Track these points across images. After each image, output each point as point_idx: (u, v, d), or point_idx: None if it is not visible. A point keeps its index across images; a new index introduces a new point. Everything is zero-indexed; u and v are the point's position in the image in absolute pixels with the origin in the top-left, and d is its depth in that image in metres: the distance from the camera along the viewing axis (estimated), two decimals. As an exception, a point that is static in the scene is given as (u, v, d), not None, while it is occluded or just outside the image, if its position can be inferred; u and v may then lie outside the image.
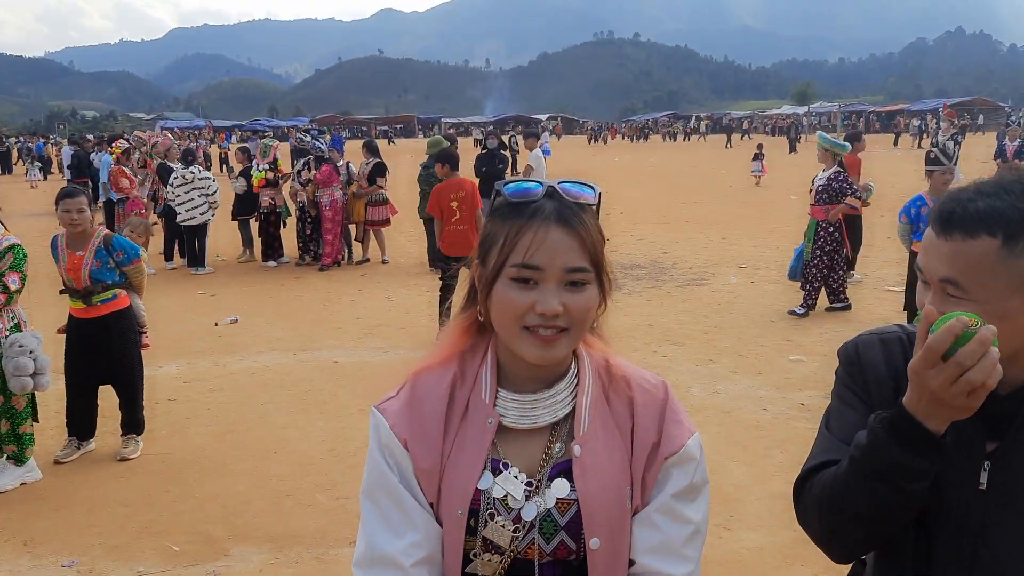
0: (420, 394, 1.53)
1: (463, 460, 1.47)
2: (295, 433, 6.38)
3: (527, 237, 1.39)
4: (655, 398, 1.55)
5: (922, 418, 1.36)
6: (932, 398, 1.33)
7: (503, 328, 1.45)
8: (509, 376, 1.53)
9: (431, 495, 1.49)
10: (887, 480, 1.41)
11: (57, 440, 6.15)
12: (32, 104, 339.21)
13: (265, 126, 78.59)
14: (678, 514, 1.50)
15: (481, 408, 1.50)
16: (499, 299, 1.42)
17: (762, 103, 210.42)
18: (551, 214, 1.41)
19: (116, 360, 5.95)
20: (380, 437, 1.51)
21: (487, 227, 1.49)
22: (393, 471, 1.49)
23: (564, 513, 1.46)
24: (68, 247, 5.79)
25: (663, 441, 1.51)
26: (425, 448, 1.49)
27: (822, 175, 9.63)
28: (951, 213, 1.43)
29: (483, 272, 1.47)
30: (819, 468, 1.60)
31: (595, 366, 1.57)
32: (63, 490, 5.46)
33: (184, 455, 6.03)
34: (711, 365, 7.85)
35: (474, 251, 1.53)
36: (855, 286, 11.00)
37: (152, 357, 8.25)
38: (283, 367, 8.16)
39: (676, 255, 13.91)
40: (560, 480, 1.47)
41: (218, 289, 12.03)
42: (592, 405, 1.52)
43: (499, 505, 1.46)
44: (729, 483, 5.32)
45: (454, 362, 1.56)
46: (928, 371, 1.31)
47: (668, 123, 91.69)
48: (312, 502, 5.20)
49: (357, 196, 13.58)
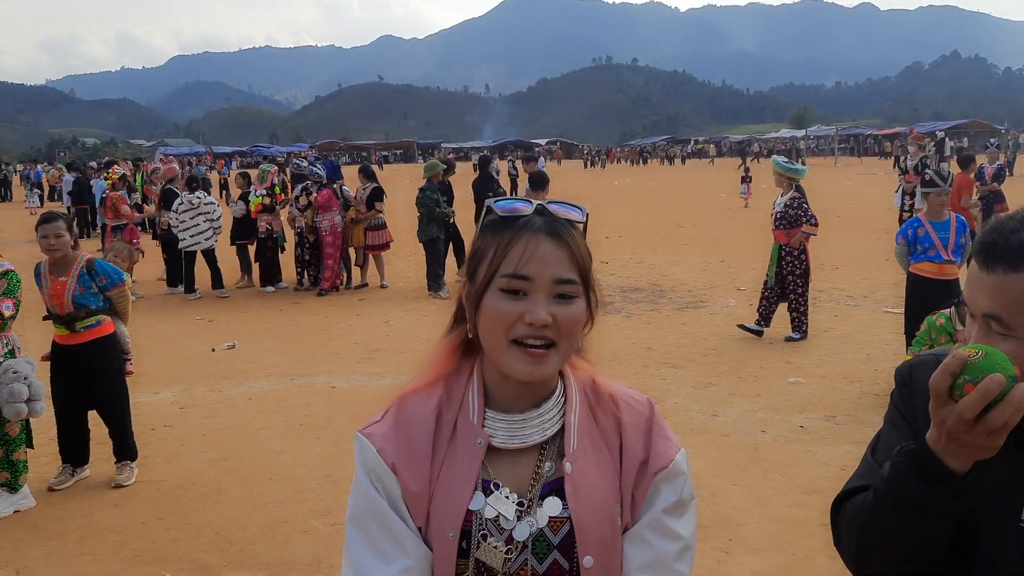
0: (406, 417, 1.51)
1: (453, 482, 1.46)
2: (291, 459, 6.34)
3: (517, 248, 1.40)
4: (641, 415, 1.56)
5: (943, 456, 1.30)
6: (951, 437, 1.27)
7: (491, 341, 1.44)
8: (496, 396, 1.52)
9: (420, 519, 1.46)
10: (908, 517, 1.36)
11: (51, 467, 6.11)
12: (33, 132, 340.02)
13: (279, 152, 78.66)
14: (668, 530, 1.49)
15: (469, 429, 1.49)
16: (488, 310, 1.42)
17: (760, 127, 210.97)
18: (541, 227, 1.43)
19: (100, 387, 5.92)
20: (367, 462, 1.48)
21: (476, 243, 1.49)
22: (381, 496, 1.46)
23: (557, 532, 1.45)
24: (51, 273, 5.77)
25: (651, 457, 1.51)
26: (414, 471, 1.46)
27: (780, 200, 9.67)
28: (993, 245, 1.38)
29: (472, 287, 1.47)
30: (854, 492, 1.56)
31: (581, 384, 1.57)
32: (57, 518, 5.42)
33: (179, 482, 5.99)
34: (710, 388, 7.82)
35: (463, 268, 1.52)
36: (854, 308, 10.99)
37: (148, 383, 8.26)
38: (280, 393, 8.13)
39: (675, 278, 13.89)
40: (552, 499, 1.46)
41: (215, 315, 12.00)
42: (580, 423, 1.51)
43: (491, 526, 1.44)
44: (728, 506, 5.28)
45: (440, 384, 1.55)
46: (942, 411, 1.27)
47: (666, 147, 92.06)
48: (308, 528, 5.16)
49: (356, 222, 13.58)
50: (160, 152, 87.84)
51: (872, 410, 6.95)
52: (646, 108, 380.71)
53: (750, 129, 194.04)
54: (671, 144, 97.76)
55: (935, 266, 7.60)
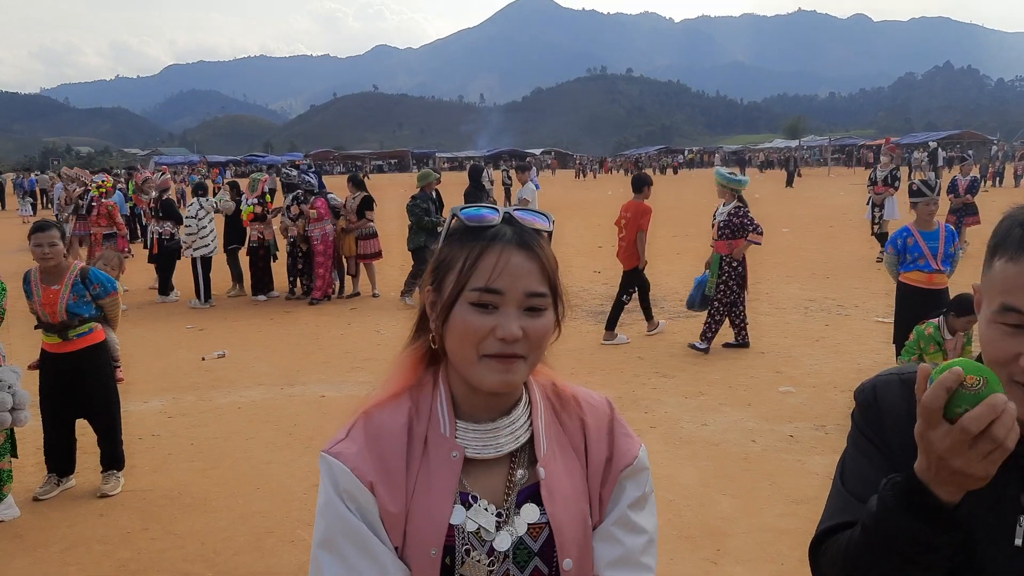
0: (375, 433, 1.46)
1: (431, 497, 1.42)
2: (279, 469, 6.31)
3: (488, 261, 1.38)
4: (603, 414, 1.58)
5: (933, 486, 1.24)
6: (940, 463, 1.21)
7: (460, 355, 1.41)
8: (464, 407, 1.49)
9: (396, 538, 1.41)
10: (900, 553, 1.29)
11: (36, 477, 6.07)
12: (27, 140, 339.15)
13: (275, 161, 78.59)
14: (634, 525, 1.51)
15: (442, 442, 1.45)
16: (457, 324, 1.39)
17: (754, 137, 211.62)
18: (512, 238, 1.40)
19: (92, 395, 5.89)
20: (338, 483, 1.41)
21: (442, 252, 1.47)
22: (356, 516, 1.39)
23: (536, 538, 1.44)
24: (43, 281, 5.74)
25: (615, 456, 1.54)
26: (390, 489, 1.42)
27: (723, 209, 9.64)
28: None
29: (438, 298, 1.44)
30: (834, 530, 1.51)
31: (542, 389, 1.57)
32: (41, 528, 5.38)
33: (165, 491, 5.95)
34: (700, 397, 7.80)
35: (425, 277, 1.49)
36: (844, 317, 10.99)
37: (137, 392, 8.22)
38: (270, 402, 8.09)
39: (667, 287, 13.89)
40: (528, 505, 1.45)
41: (206, 323, 11.96)
42: (547, 427, 1.52)
43: (473, 539, 1.42)
44: (717, 516, 5.26)
45: (405, 397, 1.51)
46: (932, 433, 1.20)
47: (658, 157, 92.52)
48: (295, 538, 5.13)
49: (346, 231, 13.56)
50: (154, 161, 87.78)
51: (862, 420, 6.93)
52: (640, 118, 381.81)
53: (744, 139, 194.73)
54: (664, 154, 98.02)
55: (924, 275, 7.59)
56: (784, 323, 10.85)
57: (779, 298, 12.59)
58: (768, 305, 12.10)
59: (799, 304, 12.08)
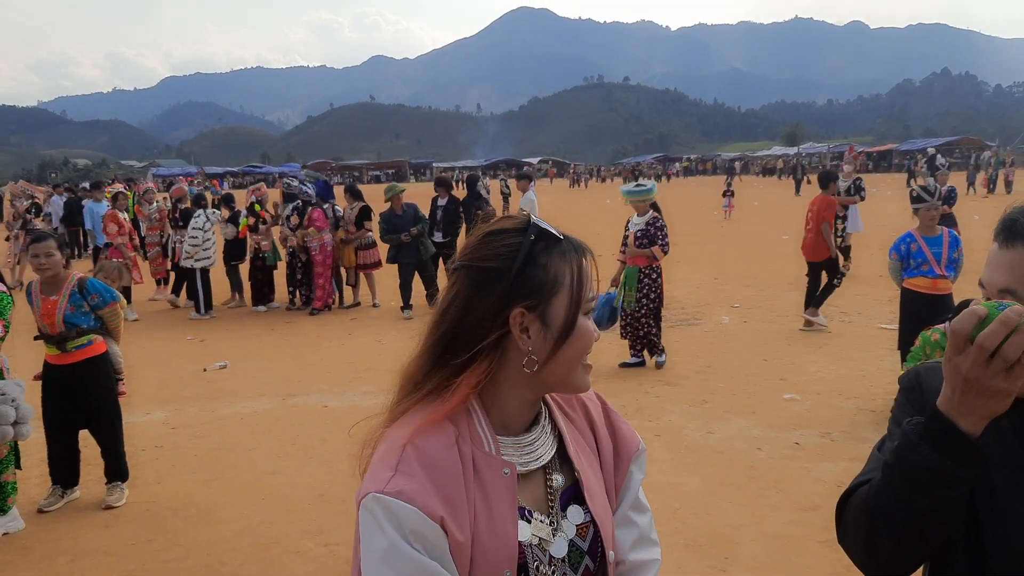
0: (430, 462, 1.37)
1: (495, 519, 1.38)
2: (283, 479, 6.28)
3: (587, 269, 1.47)
4: (598, 407, 1.66)
5: (956, 417, 1.31)
6: (966, 386, 1.28)
7: (571, 366, 1.45)
8: (498, 423, 1.48)
9: (463, 569, 1.35)
10: (919, 486, 1.35)
11: (41, 489, 6.05)
12: (24, 153, 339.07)
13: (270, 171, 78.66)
14: (641, 505, 1.63)
15: (490, 461, 1.42)
16: (583, 335, 1.45)
17: (752, 144, 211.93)
18: (580, 247, 1.49)
19: (92, 407, 5.86)
20: (404, 525, 1.31)
21: (539, 264, 1.42)
22: (427, 557, 1.31)
23: (584, 537, 1.49)
24: (42, 292, 5.73)
25: (620, 445, 1.62)
26: (457, 519, 1.35)
27: (638, 220, 9.09)
28: (1014, 222, 1.45)
29: (553, 313, 1.42)
30: (861, 485, 1.58)
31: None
32: (46, 540, 5.35)
33: (170, 503, 5.93)
34: (705, 405, 7.78)
35: (514, 301, 1.42)
36: (848, 324, 10.98)
37: (139, 403, 8.20)
38: (272, 412, 8.07)
39: (669, 295, 13.77)
40: (572, 507, 1.50)
41: (207, 334, 11.94)
42: (568, 429, 1.57)
43: (539, 553, 1.44)
44: (724, 524, 5.23)
45: (445, 420, 1.44)
46: (958, 357, 1.28)
47: (653, 165, 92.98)
48: (300, 549, 5.10)
49: (346, 242, 13.55)
50: (152, 173, 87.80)
51: (868, 426, 6.92)
52: (638, 126, 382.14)
53: (742, 147, 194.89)
54: (660, 162, 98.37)
55: (929, 281, 7.59)
56: (787, 330, 10.83)
57: (781, 305, 12.58)
58: (770, 312, 12.09)
59: (800, 311, 12.04)
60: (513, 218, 1.49)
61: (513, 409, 1.48)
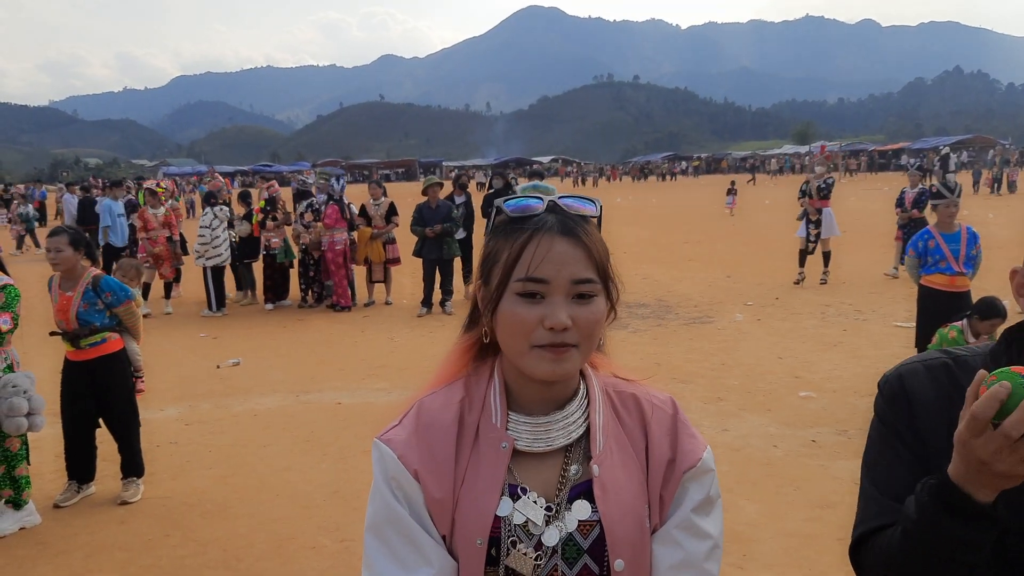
0: (427, 421, 1.46)
1: (479, 487, 1.41)
2: (297, 475, 6.28)
3: (531, 250, 1.36)
4: (665, 414, 1.53)
5: (971, 489, 1.27)
6: (981, 467, 1.24)
7: (512, 347, 1.40)
8: (518, 399, 1.48)
9: (444, 527, 1.41)
10: (943, 554, 1.33)
11: (57, 484, 6.05)
12: (36, 152, 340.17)
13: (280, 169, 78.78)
14: (697, 529, 1.47)
15: (493, 433, 1.44)
16: (506, 316, 1.38)
17: (763, 143, 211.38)
18: (555, 226, 1.39)
19: (108, 404, 5.87)
20: (387, 470, 1.43)
21: (488, 245, 1.46)
22: (402, 504, 1.41)
23: (587, 536, 1.42)
24: (60, 287, 5.74)
25: (679, 456, 1.49)
26: (437, 477, 1.42)
27: None
28: None
29: (487, 291, 1.43)
30: (873, 532, 1.51)
31: (603, 385, 1.55)
32: (62, 535, 5.36)
33: (185, 498, 5.93)
34: (719, 403, 7.76)
35: (475, 271, 1.49)
36: (862, 322, 10.93)
37: (153, 400, 8.21)
38: (285, 409, 8.07)
39: (681, 293, 13.85)
40: (580, 502, 1.42)
41: (220, 332, 11.95)
42: (605, 424, 1.49)
43: (520, 532, 1.40)
44: (742, 522, 5.21)
45: (459, 386, 1.51)
46: (975, 440, 1.23)
47: (661, 164, 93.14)
48: (315, 544, 5.10)
49: (375, 237, 13.50)
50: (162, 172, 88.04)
51: (884, 424, 6.88)
52: (648, 125, 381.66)
53: (753, 146, 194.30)
54: (669, 161, 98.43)
55: (946, 278, 7.55)
56: (801, 328, 10.79)
57: (795, 303, 12.54)
58: (784, 311, 12.05)
59: (816, 309, 12.02)
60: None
61: (517, 386, 1.48)
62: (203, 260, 13.17)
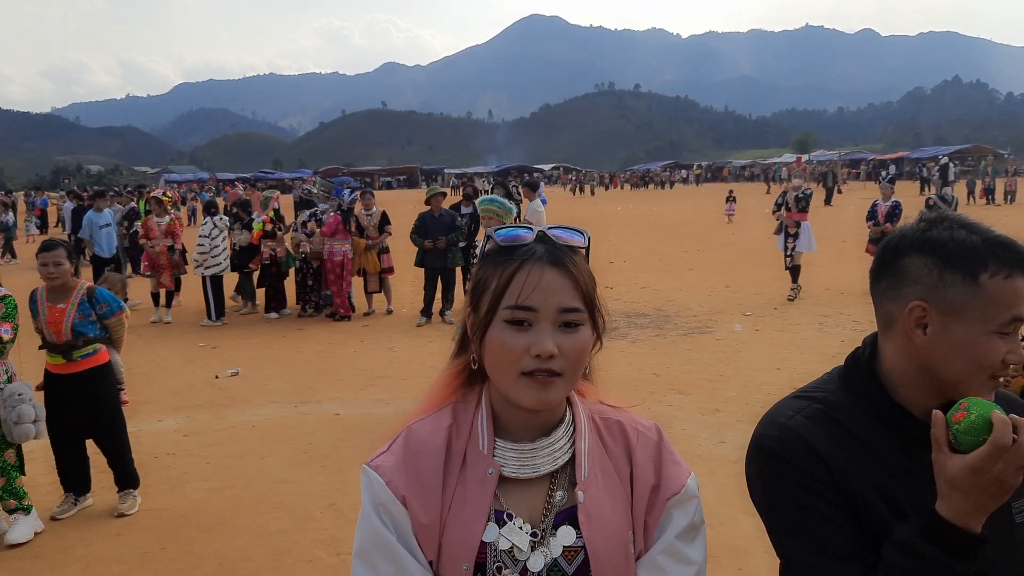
0: (415, 447, 1.49)
1: (465, 513, 1.43)
2: (295, 488, 6.28)
3: (520, 279, 1.40)
4: (650, 440, 1.56)
5: (970, 523, 1.36)
6: (999, 491, 1.34)
7: (498, 374, 1.43)
8: (505, 425, 1.51)
9: (431, 552, 1.43)
10: None
11: (53, 496, 6.05)
12: (38, 159, 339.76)
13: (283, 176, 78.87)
14: (681, 555, 1.49)
15: (480, 459, 1.47)
16: (493, 343, 1.41)
17: (763, 152, 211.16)
18: (543, 256, 1.43)
19: (97, 416, 5.87)
20: (375, 495, 1.45)
21: (478, 273, 1.50)
22: (389, 530, 1.43)
23: (571, 561, 1.44)
24: (49, 300, 5.74)
25: (663, 483, 1.52)
26: (424, 503, 1.44)
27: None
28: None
29: (476, 318, 1.47)
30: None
31: (588, 411, 1.57)
32: (59, 548, 5.36)
33: (182, 511, 5.93)
34: (717, 414, 7.76)
35: (465, 298, 1.53)
36: (861, 332, 10.93)
37: (151, 411, 8.22)
38: (284, 420, 8.07)
39: (680, 303, 13.84)
40: (565, 528, 1.45)
41: (219, 341, 11.95)
42: (591, 451, 1.51)
43: (505, 558, 1.43)
44: (738, 535, 5.21)
45: (447, 412, 1.53)
46: (994, 466, 1.32)
47: (660, 172, 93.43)
48: (312, 558, 5.10)
49: (370, 248, 13.52)
50: (164, 179, 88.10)
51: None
52: (649, 133, 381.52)
53: (753, 154, 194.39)
54: (666, 169, 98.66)
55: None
56: (800, 339, 10.79)
57: (793, 314, 12.54)
58: (782, 321, 12.05)
59: (814, 320, 12.02)
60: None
61: (504, 413, 1.50)
62: (201, 269, 13.17)
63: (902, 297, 1.56)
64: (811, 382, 1.76)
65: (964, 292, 1.47)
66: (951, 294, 1.48)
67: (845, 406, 1.63)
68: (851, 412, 1.61)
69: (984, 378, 1.48)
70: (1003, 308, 1.44)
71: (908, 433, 1.56)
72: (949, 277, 1.48)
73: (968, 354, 1.47)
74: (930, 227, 1.54)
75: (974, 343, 1.47)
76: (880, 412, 1.58)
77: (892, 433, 1.57)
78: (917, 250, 1.54)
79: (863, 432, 1.58)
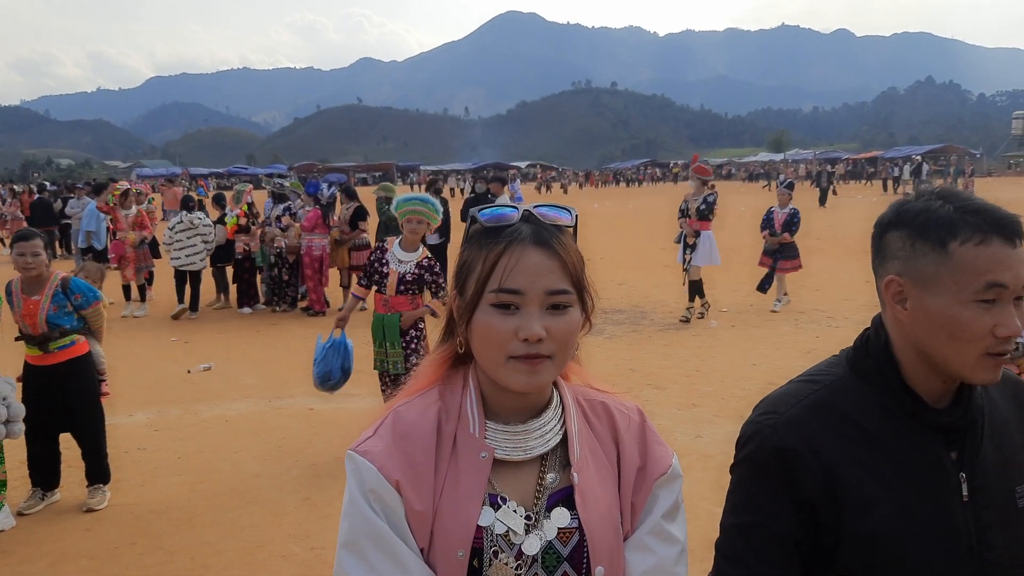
0: (404, 430, 1.43)
1: (459, 498, 1.39)
2: (268, 482, 6.21)
3: (505, 261, 1.36)
4: (634, 422, 1.56)
5: None
6: None
7: (486, 358, 1.39)
8: (494, 408, 1.47)
9: (423, 539, 1.39)
10: None
11: (21, 491, 5.95)
12: (7, 153, 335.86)
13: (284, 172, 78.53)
14: (667, 535, 1.49)
15: (471, 442, 1.43)
16: (480, 327, 1.38)
17: (739, 151, 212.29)
18: (529, 237, 1.39)
19: (75, 408, 5.79)
20: (365, 482, 1.38)
21: (463, 255, 1.46)
22: (381, 518, 1.36)
23: (566, 543, 1.42)
24: (24, 292, 5.64)
25: (649, 463, 1.52)
26: (417, 489, 1.39)
27: (407, 256, 6.52)
28: (1011, 221, 1.42)
29: (461, 302, 1.43)
30: None
31: (574, 393, 1.55)
32: (26, 542, 5.26)
33: (153, 505, 5.85)
34: (693, 409, 7.75)
35: (450, 281, 1.49)
36: (835, 328, 10.97)
37: (122, 405, 8.10)
38: (257, 415, 7.99)
39: (656, 300, 13.86)
40: (559, 509, 1.43)
41: (191, 336, 11.83)
42: (580, 432, 1.49)
43: (502, 542, 1.40)
44: (714, 529, 5.15)
45: (434, 394, 1.49)
46: None
47: (634, 171, 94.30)
48: (286, 553, 5.03)
49: (340, 243, 13.45)
50: (136, 173, 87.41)
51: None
52: (625, 131, 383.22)
53: (729, 153, 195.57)
54: (647, 167, 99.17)
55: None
56: (775, 335, 10.82)
57: (768, 310, 12.56)
58: (758, 317, 12.08)
59: (789, 316, 12.06)
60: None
61: (492, 395, 1.46)
62: (176, 262, 13.04)
63: (884, 273, 1.54)
64: (817, 364, 1.72)
65: (934, 261, 1.44)
66: (921, 264, 1.46)
67: (851, 392, 1.58)
68: (858, 400, 1.56)
69: (976, 355, 1.43)
70: (974, 274, 1.41)
71: (919, 419, 1.51)
72: (920, 247, 1.46)
73: (948, 327, 1.44)
74: (908, 200, 1.53)
75: (950, 314, 1.43)
76: (890, 397, 1.54)
77: (901, 421, 1.52)
78: (894, 225, 1.52)
79: (868, 421, 1.53)
